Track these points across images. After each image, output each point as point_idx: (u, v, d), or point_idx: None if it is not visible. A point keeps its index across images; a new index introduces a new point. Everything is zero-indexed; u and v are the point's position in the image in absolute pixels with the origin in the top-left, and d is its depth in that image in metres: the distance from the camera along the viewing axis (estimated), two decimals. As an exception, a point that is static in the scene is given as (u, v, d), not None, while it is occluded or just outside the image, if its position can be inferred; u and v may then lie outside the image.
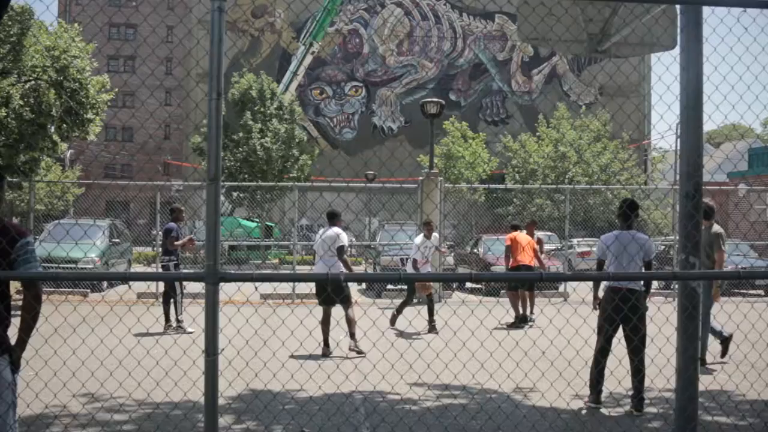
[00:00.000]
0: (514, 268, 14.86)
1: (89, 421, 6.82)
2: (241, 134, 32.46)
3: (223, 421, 6.73)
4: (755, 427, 6.79)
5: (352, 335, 10.82)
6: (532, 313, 15.15)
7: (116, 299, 16.08)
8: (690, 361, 4.65)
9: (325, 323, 11.01)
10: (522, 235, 15.21)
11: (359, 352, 10.62)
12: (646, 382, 7.58)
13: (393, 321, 13.54)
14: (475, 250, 22.33)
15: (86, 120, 17.57)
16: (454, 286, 20.78)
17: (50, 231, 19.73)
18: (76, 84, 16.99)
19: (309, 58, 42.96)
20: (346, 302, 10.91)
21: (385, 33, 52.65)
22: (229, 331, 7.28)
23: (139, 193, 25.76)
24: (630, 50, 7.67)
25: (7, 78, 16.36)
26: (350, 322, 10.86)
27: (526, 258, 14.91)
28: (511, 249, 14.97)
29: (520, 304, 14.74)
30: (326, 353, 10.81)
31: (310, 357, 10.32)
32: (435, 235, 14.52)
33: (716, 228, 9.74)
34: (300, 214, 20.85)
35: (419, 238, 14.29)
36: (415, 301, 14.61)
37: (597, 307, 7.85)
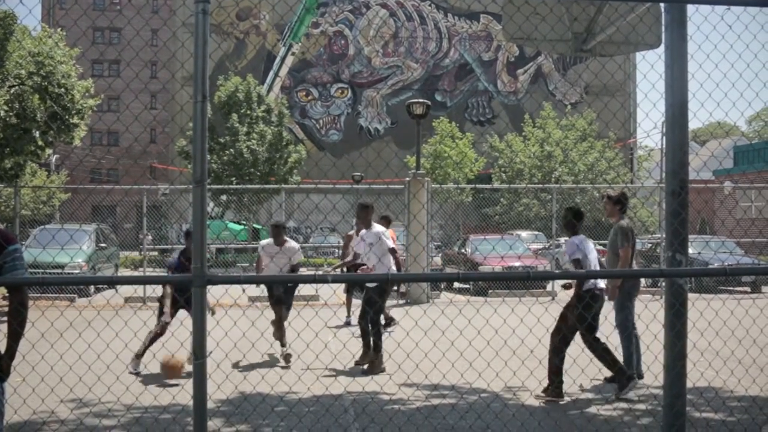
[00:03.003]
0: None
1: (77, 426, 6.78)
2: (227, 137, 32.36)
3: (213, 424, 6.71)
4: (743, 423, 6.82)
5: None
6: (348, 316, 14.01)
7: (103, 303, 16.01)
8: (677, 358, 4.67)
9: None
10: None
11: None
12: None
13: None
14: (463, 250, 22.35)
15: (71, 125, 17.51)
16: (442, 286, 20.77)
17: (36, 236, 19.61)
18: (62, 89, 16.92)
19: (291, 59, 42.79)
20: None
21: (370, 34, 52.67)
22: (217, 333, 7.30)
23: (125, 197, 25.63)
24: (615, 49, 7.69)
25: (-9, 83, 16.29)
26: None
27: None
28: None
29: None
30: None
31: (299, 359, 10.30)
32: (378, 229, 9.95)
33: (623, 222, 8.73)
34: (287, 216, 20.78)
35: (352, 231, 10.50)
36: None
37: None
